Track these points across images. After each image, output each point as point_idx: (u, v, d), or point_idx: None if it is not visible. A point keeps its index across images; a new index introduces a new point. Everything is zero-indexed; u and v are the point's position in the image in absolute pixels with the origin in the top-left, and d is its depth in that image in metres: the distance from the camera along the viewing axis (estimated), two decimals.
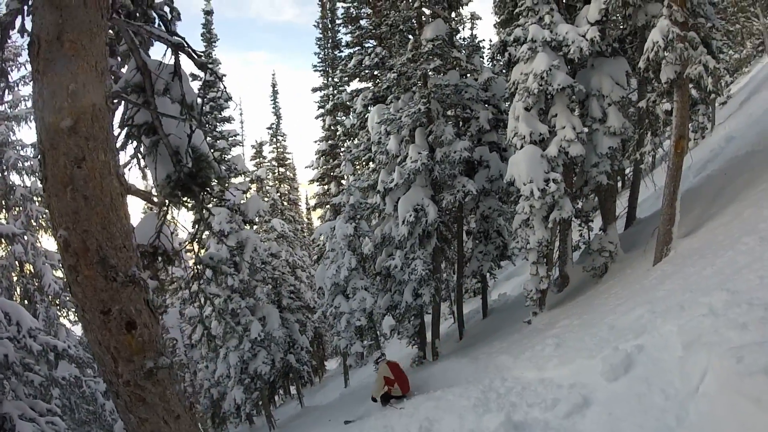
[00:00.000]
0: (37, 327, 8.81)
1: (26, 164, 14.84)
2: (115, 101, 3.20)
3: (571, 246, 13.15)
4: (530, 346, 9.47)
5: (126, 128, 3.82)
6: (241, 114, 25.95)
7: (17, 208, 14.77)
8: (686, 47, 8.75)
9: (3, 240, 10.26)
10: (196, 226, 4.04)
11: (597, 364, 6.36)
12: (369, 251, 16.29)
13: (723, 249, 7.50)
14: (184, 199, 3.60)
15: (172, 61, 3.75)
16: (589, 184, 12.21)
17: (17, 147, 15.22)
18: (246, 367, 16.86)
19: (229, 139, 18.13)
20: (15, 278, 14.83)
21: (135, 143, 3.97)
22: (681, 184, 9.73)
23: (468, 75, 15.86)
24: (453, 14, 16.25)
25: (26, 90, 15.86)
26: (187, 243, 4.04)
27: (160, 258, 4.04)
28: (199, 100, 3.63)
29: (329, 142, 25.53)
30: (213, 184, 3.47)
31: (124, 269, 2.15)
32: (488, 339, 13.96)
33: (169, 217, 3.85)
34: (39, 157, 2.27)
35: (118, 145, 3.76)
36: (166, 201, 3.61)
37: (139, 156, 4.00)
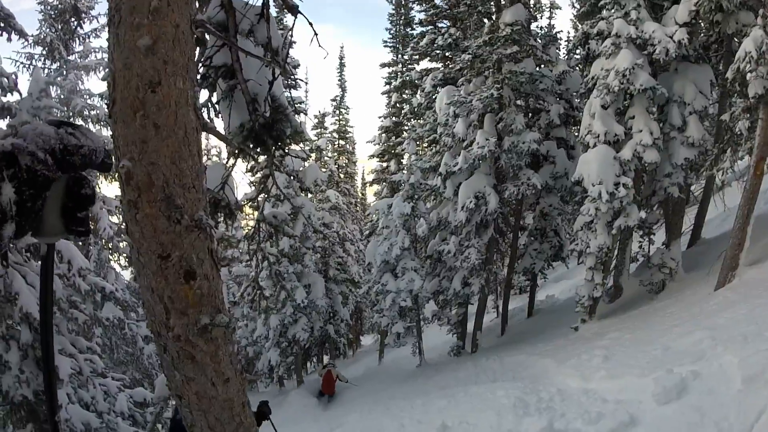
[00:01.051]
0: (87, 267, 8.97)
1: (92, 113, 15.25)
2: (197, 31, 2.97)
3: (629, 256, 12.51)
4: (576, 354, 9.15)
5: (203, 69, 3.62)
6: (306, 83, 25.83)
7: None
8: None
9: None
10: (264, 182, 3.82)
11: (648, 384, 6.02)
12: (423, 233, 15.99)
13: None
14: (256, 150, 3.38)
15: (259, 2, 3.51)
16: (657, 195, 11.55)
17: (84, 95, 15.64)
18: (285, 331, 17.02)
19: (294, 105, 18.04)
20: None
21: (208, 91, 3.78)
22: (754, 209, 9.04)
23: (543, 66, 15.16)
24: (532, 0, 15.50)
25: (97, 42, 16.29)
26: (252, 200, 3.85)
27: (221, 211, 3.87)
28: (285, 47, 3.37)
29: (393, 119, 25.20)
30: (288, 137, 3.23)
31: (190, 212, 1.91)
32: (531, 339, 13.50)
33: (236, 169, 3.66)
34: (108, 78, 2.03)
35: None
36: (236, 151, 3.40)
37: (210, 105, 3.81)
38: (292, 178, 16.59)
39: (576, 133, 15.27)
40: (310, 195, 21.99)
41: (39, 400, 8.42)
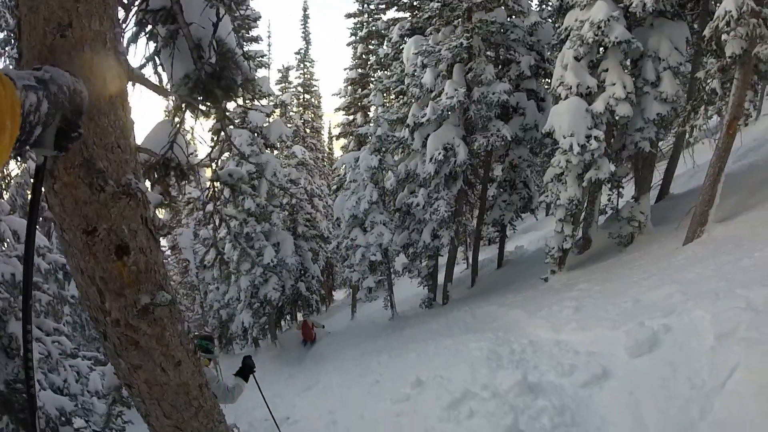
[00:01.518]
0: (46, 245, 8.50)
1: None
2: None
3: (598, 209, 12.58)
4: (547, 305, 9.20)
5: (139, 14, 3.20)
6: (269, 36, 24.74)
7: None
8: (759, 23, 7.86)
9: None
10: (215, 138, 3.48)
11: (620, 337, 6.02)
12: (391, 186, 15.75)
13: (763, 242, 6.93)
14: (204, 104, 3.03)
15: None
16: (627, 149, 11.56)
17: None
18: (256, 291, 16.75)
19: (256, 59, 17.21)
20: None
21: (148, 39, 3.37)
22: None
23: (514, 16, 14.76)
24: None
25: None
26: (205, 158, 3.52)
27: (172, 172, 3.52)
28: None
29: (359, 70, 24.54)
30: (239, 87, 2.88)
31: (116, 176, 1.61)
32: (501, 290, 13.59)
33: (187, 127, 3.29)
34: (14, 29, 1.67)
35: (127, 35, 3.18)
36: (183, 106, 3.04)
37: (156, 59, 3.40)
38: (255, 134, 16.04)
39: (547, 86, 15.10)
40: (276, 152, 21.42)
41: (11, 389, 8.07)
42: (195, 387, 2.26)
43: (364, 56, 24.09)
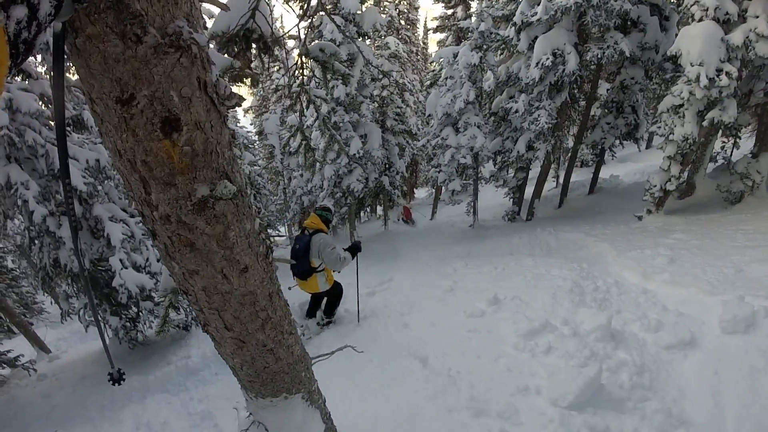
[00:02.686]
0: None
1: None
2: None
3: (710, 155, 11.10)
4: (638, 247, 8.51)
5: None
6: None
7: None
8: None
9: None
10: (303, 5, 2.94)
11: (715, 305, 5.31)
12: (489, 88, 14.64)
13: None
14: None
15: None
16: (755, 95, 9.89)
17: None
18: (340, 181, 16.71)
19: None
20: None
21: None
22: None
23: None
24: None
25: None
26: (293, 28, 3.01)
27: (254, 44, 3.06)
28: None
29: None
30: None
31: (160, 22, 1.15)
32: (590, 218, 12.66)
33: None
34: None
35: None
36: None
37: None
38: (348, 21, 15.17)
39: (672, 3, 13.01)
40: (368, 41, 20.45)
41: (96, 268, 8.52)
42: (264, 296, 1.92)
43: None
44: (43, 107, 7.85)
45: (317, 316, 7.31)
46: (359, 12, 15.31)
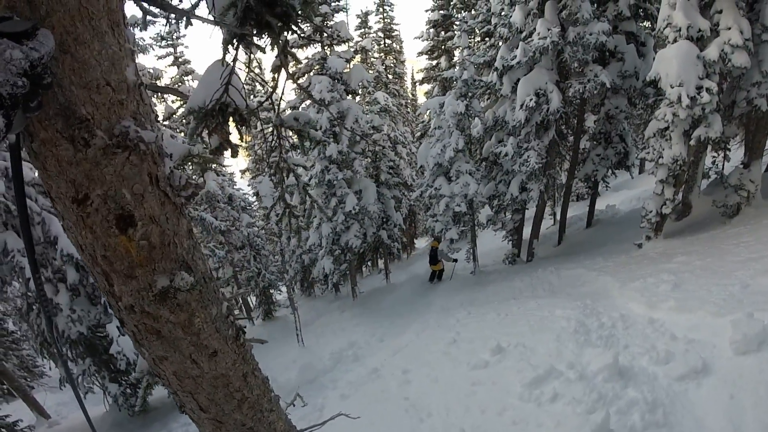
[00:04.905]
0: None
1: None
2: None
3: (702, 172, 11.17)
4: (641, 276, 8.41)
5: None
6: None
7: None
8: None
9: None
10: (274, 76, 3.04)
11: (725, 326, 5.19)
12: (477, 134, 14.91)
13: None
14: (259, 35, 2.57)
15: None
16: (738, 106, 10.03)
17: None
18: (338, 238, 16.76)
19: (332, 3, 16.50)
20: None
21: None
22: None
23: None
24: None
25: None
26: (265, 100, 3.10)
27: (230, 118, 3.14)
28: None
29: (441, 12, 23.23)
30: (297, 12, 2.39)
31: (106, 124, 1.18)
32: (591, 252, 12.64)
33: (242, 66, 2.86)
34: None
35: None
36: (234, 40, 2.59)
37: None
38: (336, 80, 15.61)
39: (647, 29, 13.46)
40: (358, 98, 20.96)
41: (94, 334, 8.48)
42: (237, 378, 1.90)
43: None
44: (36, 175, 7.97)
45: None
46: (346, 71, 15.80)
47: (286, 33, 2.62)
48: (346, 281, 19.83)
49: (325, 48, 15.54)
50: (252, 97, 25.48)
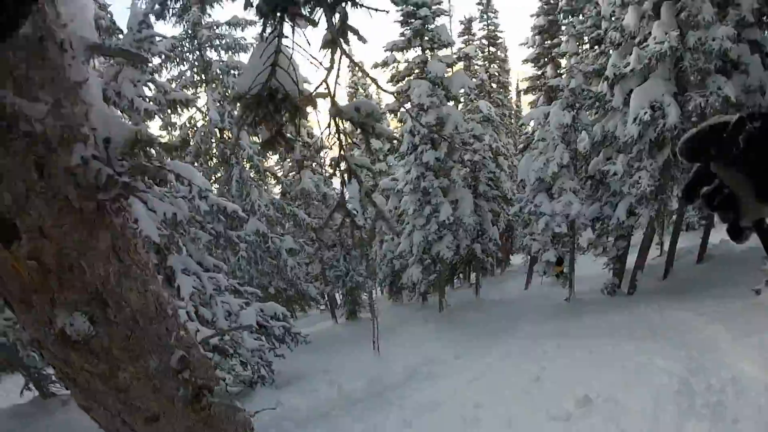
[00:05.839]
0: (207, 188, 8.73)
1: (222, 41, 15.80)
2: None
3: None
4: (758, 329, 7.00)
5: None
6: None
7: (215, 81, 15.67)
8: None
9: (178, 105, 10.42)
10: (331, 54, 2.60)
11: None
12: (584, 149, 13.68)
13: None
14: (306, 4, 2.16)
15: None
16: None
17: (212, 27, 15.78)
18: (429, 248, 16.23)
19: (433, 7, 15.97)
20: (214, 143, 16.15)
21: None
22: None
23: None
24: None
25: None
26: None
27: (281, 106, 2.76)
28: None
29: (548, 17, 21.85)
30: None
31: None
32: (700, 293, 10.93)
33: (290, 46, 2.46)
34: None
35: None
36: (277, 14, 2.19)
37: None
38: (436, 85, 15.13)
39: None
40: (460, 106, 20.34)
41: None
42: None
43: (552, 0, 21.34)
44: None
45: None
46: (447, 75, 15.28)
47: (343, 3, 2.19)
48: (435, 291, 19.27)
49: (426, 52, 15.09)
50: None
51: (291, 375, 10.94)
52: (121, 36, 9.14)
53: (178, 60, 15.38)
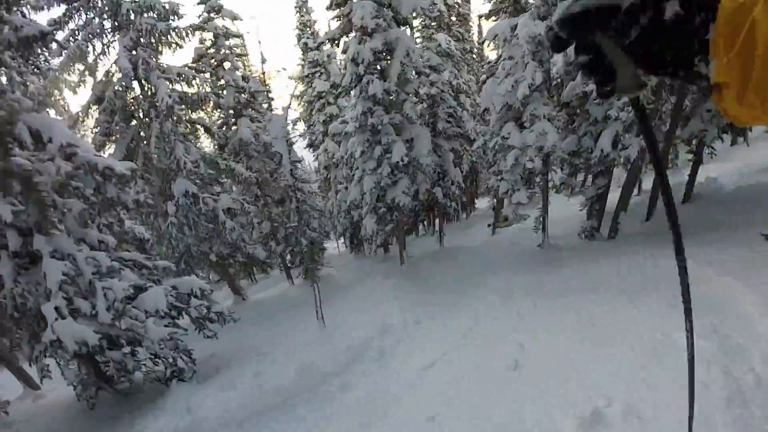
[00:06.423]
0: (72, 143, 6.43)
1: None
2: None
3: None
4: None
5: None
6: None
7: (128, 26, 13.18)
8: None
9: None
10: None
11: None
12: (557, 73, 11.55)
13: None
14: None
15: None
16: None
17: None
18: (383, 195, 14.13)
19: None
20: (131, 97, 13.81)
21: None
22: None
23: None
24: None
25: None
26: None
27: None
28: None
29: None
30: None
31: None
32: (696, 236, 9.11)
33: None
34: None
35: None
36: None
37: None
38: (382, 6, 12.75)
39: None
40: (417, 36, 18.02)
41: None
42: None
43: None
44: None
45: None
46: None
47: None
48: (394, 244, 17.49)
49: None
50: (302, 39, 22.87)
51: (220, 361, 9.06)
52: None
53: (84, 7, 12.64)
